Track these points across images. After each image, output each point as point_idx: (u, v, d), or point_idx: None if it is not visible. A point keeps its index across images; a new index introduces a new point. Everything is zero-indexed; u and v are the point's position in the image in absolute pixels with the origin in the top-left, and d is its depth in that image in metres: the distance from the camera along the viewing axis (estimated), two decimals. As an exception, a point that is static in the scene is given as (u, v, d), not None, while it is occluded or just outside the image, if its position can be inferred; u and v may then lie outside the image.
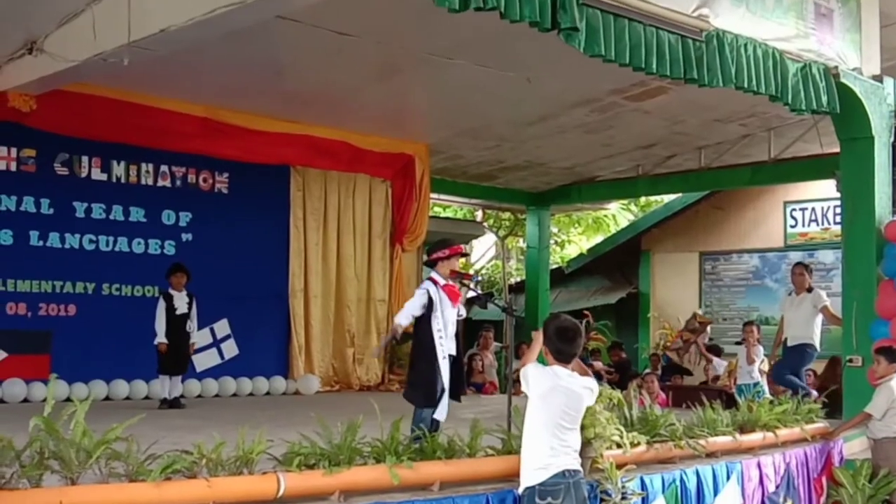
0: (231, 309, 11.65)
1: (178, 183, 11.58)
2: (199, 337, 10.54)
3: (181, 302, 10.01)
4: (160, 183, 11.42)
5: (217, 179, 11.88)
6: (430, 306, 6.69)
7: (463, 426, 5.71)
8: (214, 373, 11.48)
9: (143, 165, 11.26)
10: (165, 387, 9.99)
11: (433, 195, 14.63)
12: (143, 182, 11.25)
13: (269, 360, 12.09)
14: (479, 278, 22.21)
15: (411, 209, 13.19)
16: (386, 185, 13.38)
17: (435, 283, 6.82)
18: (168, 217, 11.45)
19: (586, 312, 15.19)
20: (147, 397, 10.64)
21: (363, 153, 12.75)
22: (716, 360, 13.83)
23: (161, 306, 9.93)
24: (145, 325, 9.88)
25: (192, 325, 10.11)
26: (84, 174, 10.81)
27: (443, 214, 20.13)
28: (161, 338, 9.85)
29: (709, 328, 14.77)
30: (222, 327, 11.59)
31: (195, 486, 4.34)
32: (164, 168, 11.44)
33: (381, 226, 13.26)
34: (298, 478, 4.62)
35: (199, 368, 11.28)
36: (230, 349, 11.77)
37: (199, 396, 11.12)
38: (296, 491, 4.57)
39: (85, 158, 10.82)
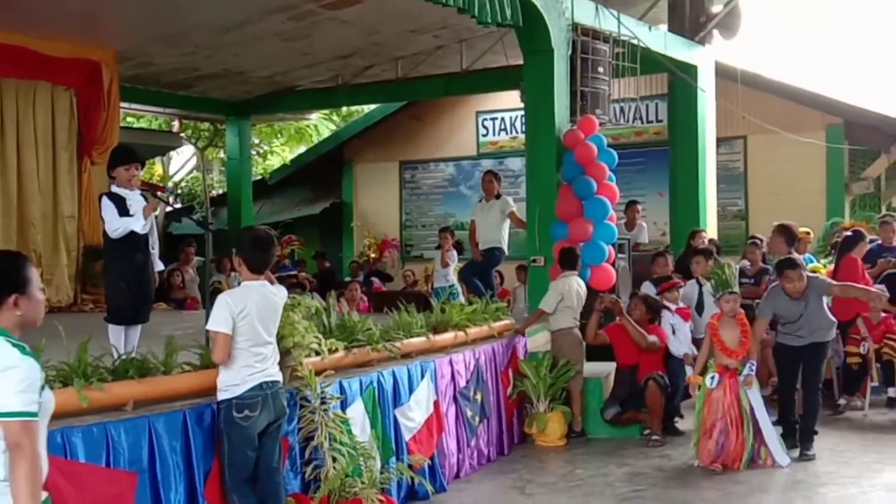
0: None
1: None
2: None
3: (138, 205, 6.49)
4: None
5: None
6: None
7: (160, 343, 5.57)
8: None
9: None
10: (120, 343, 6.29)
11: (124, 104, 13.90)
12: None
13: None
14: (179, 191, 21.57)
15: (100, 119, 12.43)
16: (70, 94, 12.49)
17: None
18: None
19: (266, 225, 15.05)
20: None
21: (44, 59, 11.81)
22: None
23: (110, 206, 6.41)
24: None
25: (153, 243, 6.73)
26: None
27: (136, 125, 19.19)
28: (137, 221, 6.43)
29: None
30: None
31: None
32: None
33: (66, 137, 12.40)
34: (-25, 408, 4.34)
35: None
36: None
37: None
38: (-27, 422, 4.29)
39: None
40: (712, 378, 7.55)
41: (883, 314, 9.52)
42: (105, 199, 6.51)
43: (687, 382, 7.91)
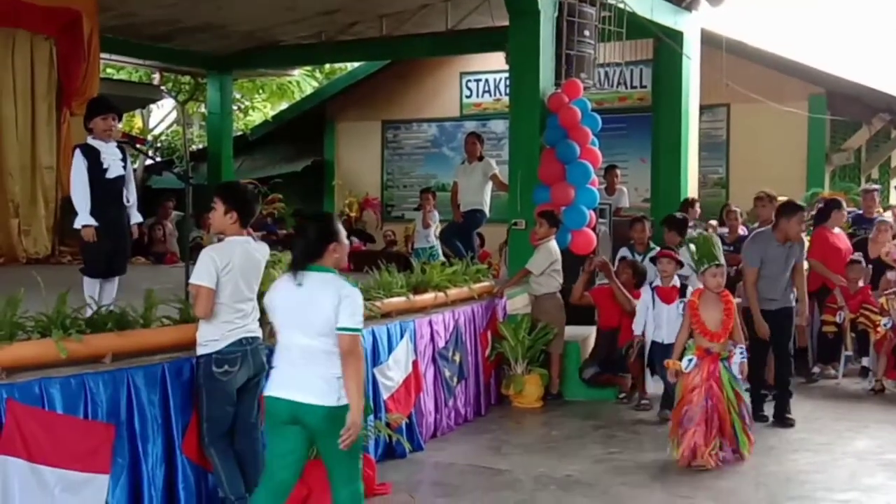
0: None
1: None
2: None
3: (112, 157, 6.48)
4: None
5: None
6: None
7: (139, 297, 5.55)
8: None
9: None
10: (96, 295, 6.28)
11: (105, 55, 13.70)
12: None
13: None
14: (159, 144, 21.38)
15: (80, 70, 12.22)
16: (50, 43, 12.28)
17: None
18: None
19: (253, 181, 14.91)
20: None
21: (22, 6, 11.57)
22: None
23: (79, 166, 6.39)
24: None
25: (129, 195, 6.68)
26: None
27: (116, 76, 18.95)
28: (86, 217, 6.39)
29: None
30: None
31: None
32: None
33: (45, 87, 12.20)
34: (-48, 357, 4.32)
35: None
36: None
37: None
38: (-50, 371, 4.27)
39: None
40: (689, 361, 6.72)
41: (860, 284, 9.60)
42: (77, 155, 6.44)
43: (666, 367, 7.65)
